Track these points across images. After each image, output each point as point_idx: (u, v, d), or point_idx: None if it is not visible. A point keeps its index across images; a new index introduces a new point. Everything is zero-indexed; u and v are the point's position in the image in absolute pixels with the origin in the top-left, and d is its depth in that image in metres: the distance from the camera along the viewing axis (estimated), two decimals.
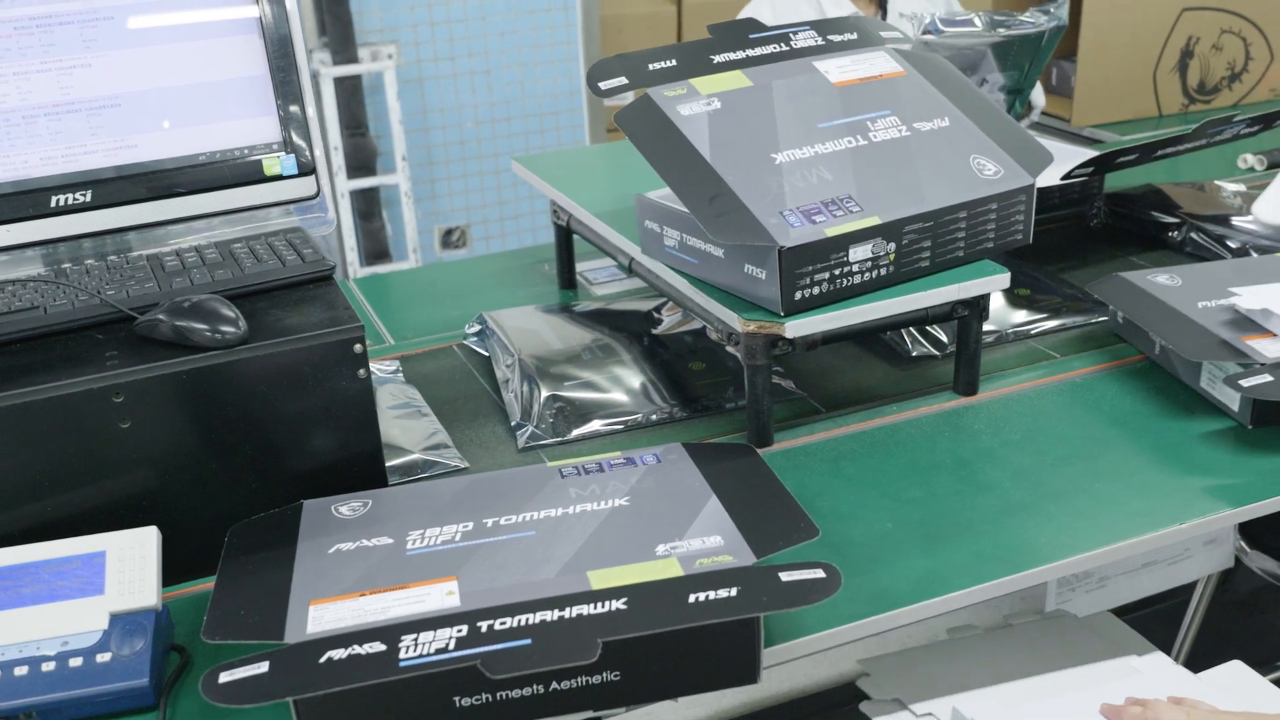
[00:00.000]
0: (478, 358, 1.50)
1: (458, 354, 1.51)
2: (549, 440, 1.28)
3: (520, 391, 1.34)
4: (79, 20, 1.16)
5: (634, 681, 0.88)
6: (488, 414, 1.35)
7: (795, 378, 1.39)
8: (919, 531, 1.09)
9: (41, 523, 1.00)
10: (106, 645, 0.92)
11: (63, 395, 0.98)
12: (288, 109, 1.23)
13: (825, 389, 1.37)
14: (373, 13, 3.28)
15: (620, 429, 1.30)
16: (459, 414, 1.35)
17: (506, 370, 1.40)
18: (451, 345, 1.54)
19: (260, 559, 0.96)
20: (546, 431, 1.29)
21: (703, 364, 1.40)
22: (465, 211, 3.59)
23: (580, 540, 0.95)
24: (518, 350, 1.41)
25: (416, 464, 1.23)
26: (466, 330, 1.54)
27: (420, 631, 0.83)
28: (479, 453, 1.27)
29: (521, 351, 1.41)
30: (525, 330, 1.48)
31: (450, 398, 1.39)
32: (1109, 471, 1.17)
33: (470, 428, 1.33)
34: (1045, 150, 1.33)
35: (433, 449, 1.26)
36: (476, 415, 1.35)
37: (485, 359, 1.48)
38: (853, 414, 1.30)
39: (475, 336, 1.53)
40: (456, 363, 1.49)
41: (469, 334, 1.54)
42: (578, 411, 1.31)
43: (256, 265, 1.14)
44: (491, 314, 1.53)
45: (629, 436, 1.29)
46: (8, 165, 1.15)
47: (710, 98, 1.26)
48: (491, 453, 1.27)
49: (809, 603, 0.84)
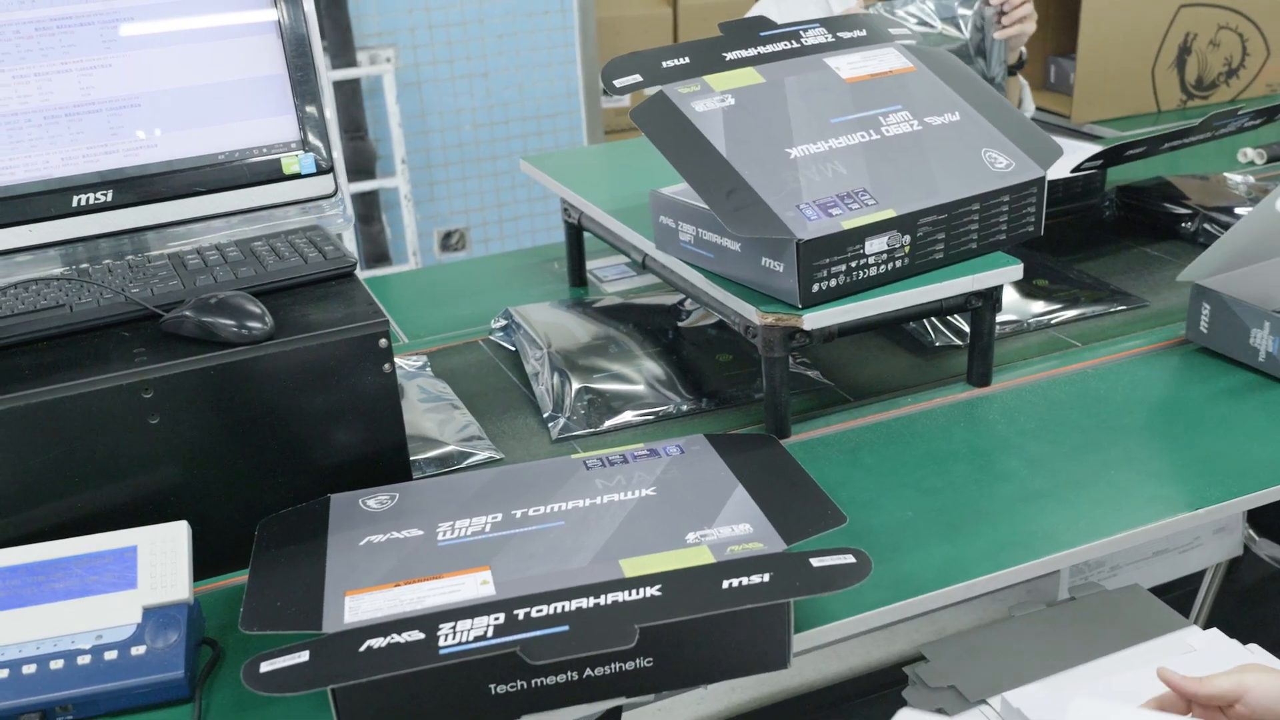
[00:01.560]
0: (503, 352, 1.51)
1: (484, 349, 1.53)
2: (581, 431, 1.30)
3: (551, 384, 1.36)
4: (99, 21, 1.17)
5: (666, 668, 0.89)
6: (518, 407, 1.37)
7: (820, 368, 1.40)
8: (939, 520, 1.10)
9: (72, 518, 1.01)
10: (140, 638, 0.93)
11: (93, 391, 0.99)
12: (305, 108, 1.23)
13: (851, 379, 1.38)
14: (371, 16, 3.28)
15: (651, 419, 1.32)
16: (489, 407, 1.37)
17: (536, 364, 1.42)
18: (477, 340, 1.55)
19: (292, 552, 0.97)
20: (579, 423, 1.31)
21: (729, 356, 1.42)
22: (465, 214, 3.59)
23: (610, 529, 0.96)
24: (547, 344, 1.43)
25: (452, 455, 1.24)
26: (492, 325, 1.56)
27: (458, 620, 0.84)
28: (512, 444, 1.29)
29: (550, 345, 1.43)
30: (552, 324, 1.50)
31: (480, 391, 1.41)
32: (1124, 459, 1.18)
33: (502, 420, 1.34)
34: (1055, 143, 1.34)
35: (467, 440, 1.27)
36: (507, 408, 1.37)
37: (510, 353, 1.50)
38: (869, 405, 1.32)
39: (501, 331, 1.55)
40: (483, 357, 1.51)
41: (494, 329, 1.55)
42: (609, 403, 1.33)
43: (279, 262, 1.15)
44: (517, 309, 1.55)
45: (660, 427, 1.31)
46: (29, 165, 1.16)
47: (724, 94, 1.27)
48: (525, 444, 1.29)
49: (841, 587, 0.85)
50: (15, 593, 0.95)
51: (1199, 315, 1.35)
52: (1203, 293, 1.34)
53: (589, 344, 1.45)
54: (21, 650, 0.92)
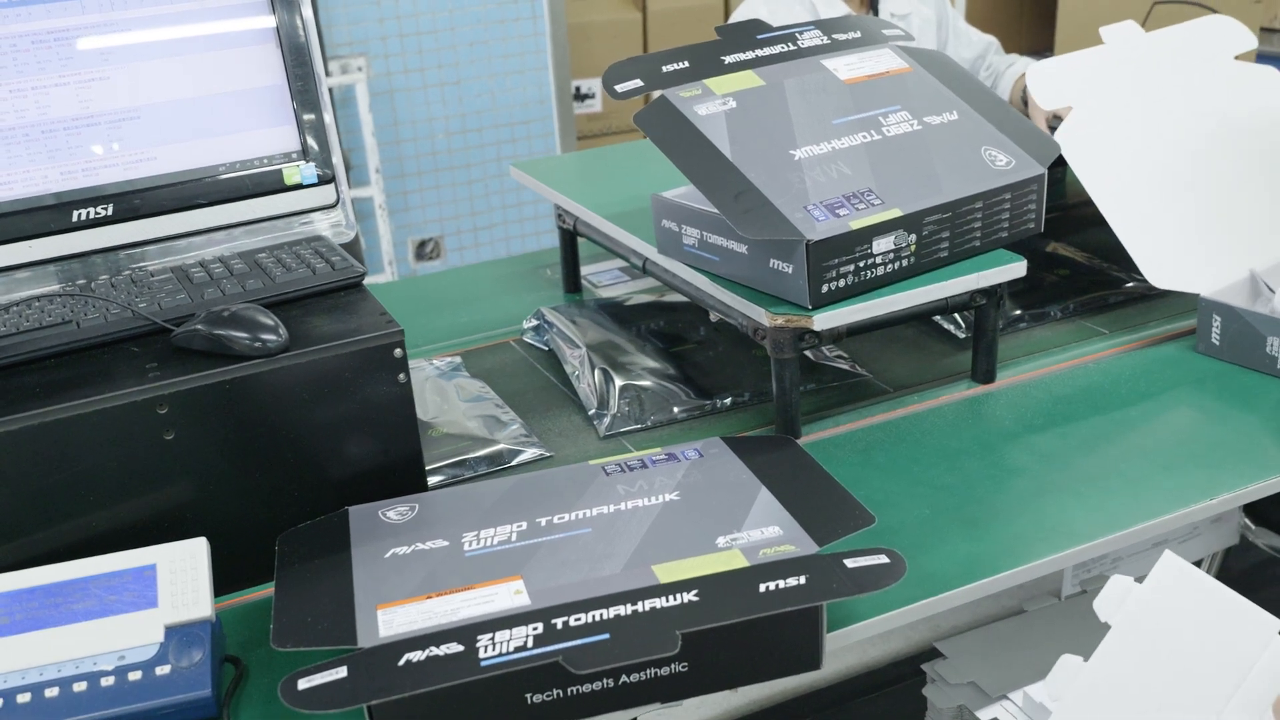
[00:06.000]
0: (536, 352, 1.52)
1: (516, 349, 1.54)
2: (629, 427, 1.31)
3: (594, 382, 1.36)
4: (97, 33, 1.15)
5: (701, 672, 0.88)
6: (560, 405, 1.38)
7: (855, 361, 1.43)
8: (957, 516, 1.10)
9: (88, 537, 1.00)
10: (165, 658, 0.91)
11: (108, 409, 0.97)
12: (306, 118, 1.22)
13: (883, 372, 1.40)
14: (342, 26, 3.26)
15: (697, 415, 1.33)
16: (531, 406, 1.38)
17: (575, 363, 1.42)
18: (509, 341, 1.56)
19: (317, 566, 0.96)
20: (625, 419, 1.31)
21: (764, 350, 1.43)
22: (439, 223, 3.58)
23: (638, 535, 0.95)
24: (585, 343, 1.43)
25: (502, 454, 1.25)
26: (524, 325, 1.56)
27: (496, 631, 0.83)
28: (560, 442, 1.30)
29: (589, 344, 1.43)
30: (587, 324, 1.50)
31: (518, 390, 1.41)
32: (1133, 451, 1.19)
33: (545, 419, 1.35)
34: (1053, 140, 1.36)
35: (515, 439, 1.28)
36: (549, 406, 1.38)
37: (544, 353, 1.51)
38: (875, 404, 1.32)
39: (532, 331, 1.55)
40: (516, 357, 1.51)
41: (526, 329, 1.56)
42: (653, 399, 1.34)
43: (286, 274, 1.14)
44: (548, 309, 1.55)
45: (705, 422, 1.32)
46: (29, 180, 1.14)
47: (725, 97, 1.27)
48: (573, 441, 1.30)
49: (879, 588, 0.85)
50: (34, 615, 0.93)
51: (1210, 328, 1.35)
52: (1212, 306, 1.35)
53: (626, 342, 1.46)
54: (43, 674, 0.90)
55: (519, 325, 1.58)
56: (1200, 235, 1.44)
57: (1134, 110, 1.52)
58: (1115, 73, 1.55)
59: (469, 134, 3.52)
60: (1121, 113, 1.51)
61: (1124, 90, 1.53)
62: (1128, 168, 1.47)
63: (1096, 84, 1.53)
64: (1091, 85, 1.52)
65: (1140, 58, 1.58)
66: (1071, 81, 1.52)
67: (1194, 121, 1.54)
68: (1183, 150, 1.51)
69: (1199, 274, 1.39)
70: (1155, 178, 1.48)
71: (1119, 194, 1.43)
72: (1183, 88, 1.57)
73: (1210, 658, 0.84)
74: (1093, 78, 1.53)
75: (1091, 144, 1.46)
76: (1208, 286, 1.37)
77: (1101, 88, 1.52)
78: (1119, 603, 0.88)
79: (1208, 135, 1.53)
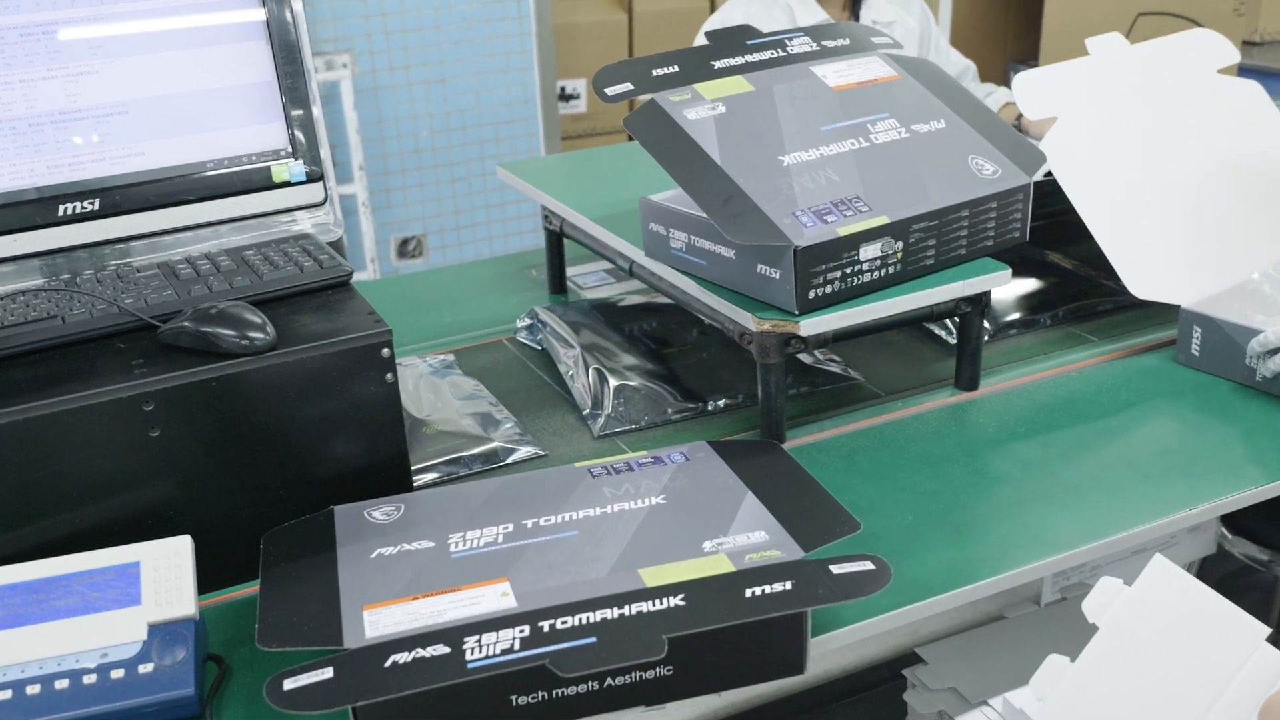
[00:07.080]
0: (529, 351, 1.52)
1: (509, 348, 1.54)
2: (623, 428, 1.31)
3: (588, 382, 1.37)
4: (85, 26, 1.15)
5: (687, 676, 0.89)
6: (553, 404, 1.38)
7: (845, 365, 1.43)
8: (941, 523, 1.11)
9: (72, 534, 0.99)
10: (148, 656, 0.91)
11: (93, 405, 0.97)
12: (295, 115, 1.22)
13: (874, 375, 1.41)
14: (327, 22, 3.25)
15: (691, 416, 1.33)
16: (524, 404, 1.38)
17: (569, 362, 1.42)
18: (501, 340, 1.56)
19: (301, 565, 0.96)
20: (619, 419, 1.32)
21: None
22: (421, 221, 3.57)
23: (625, 539, 0.95)
24: (579, 343, 1.44)
25: (496, 452, 1.25)
26: (517, 324, 1.56)
27: (482, 633, 0.83)
28: (554, 441, 1.30)
29: (583, 344, 1.44)
30: (581, 324, 1.51)
31: (512, 389, 1.41)
32: (1115, 460, 1.20)
33: (539, 418, 1.35)
34: (1039, 150, 1.36)
35: (509, 438, 1.28)
36: (543, 405, 1.38)
37: (537, 353, 1.51)
38: (860, 410, 1.33)
39: (525, 331, 1.55)
40: (509, 356, 1.51)
41: (519, 328, 1.56)
42: (647, 400, 1.34)
43: (274, 272, 1.14)
44: (542, 309, 1.55)
45: (698, 423, 1.32)
46: (14, 174, 1.13)
47: (715, 102, 1.28)
48: (566, 440, 1.30)
49: (865, 594, 0.86)
50: (15, 611, 0.93)
51: (1190, 339, 1.36)
52: (1193, 317, 1.36)
53: (620, 342, 1.47)
54: (24, 670, 0.90)
55: (509, 324, 1.58)
56: (1183, 246, 1.46)
57: (1118, 122, 1.54)
58: (1100, 84, 1.56)
59: (453, 132, 3.51)
60: (1106, 124, 1.53)
61: (1109, 102, 1.55)
62: (1111, 178, 1.48)
63: (1081, 95, 1.54)
64: (1077, 96, 1.54)
65: (1125, 70, 1.60)
66: (1056, 92, 1.54)
67: (1178, 134, 1.55)
68: (1166, 162, 1.53)
69: (1180, 285, 1.41)
70: (1138, 189, 1.49)
71: (1102, 204, 1.44)
72: (1166, 100, 1.59)
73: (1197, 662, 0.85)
74: (1078, 89, 1.55)
75: (1076, 154, 1.47)
76: (1189, 297, 1.38)
77: (1086, 99, 1.54)
78: (1107, 604, 0.88)
79: (1191, 148, 1.55)
